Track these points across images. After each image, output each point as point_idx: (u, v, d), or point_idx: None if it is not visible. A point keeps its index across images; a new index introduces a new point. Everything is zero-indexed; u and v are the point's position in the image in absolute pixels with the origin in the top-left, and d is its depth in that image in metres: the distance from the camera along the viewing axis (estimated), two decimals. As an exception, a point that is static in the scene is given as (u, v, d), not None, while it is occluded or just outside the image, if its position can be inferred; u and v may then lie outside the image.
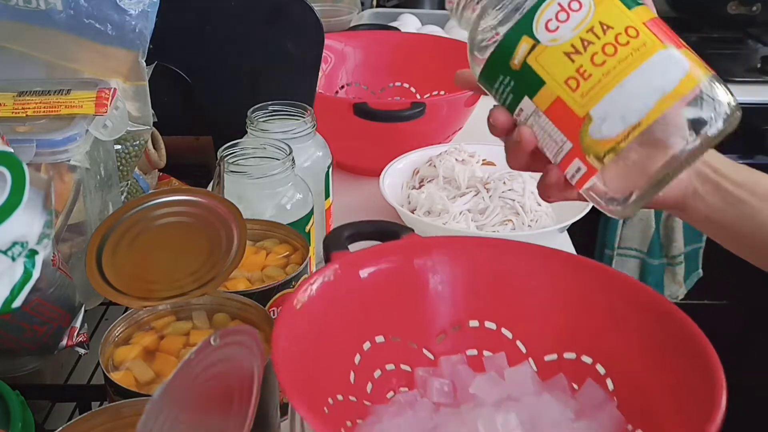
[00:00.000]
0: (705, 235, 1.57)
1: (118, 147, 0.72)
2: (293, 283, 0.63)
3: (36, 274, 0.52)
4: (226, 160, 0.72)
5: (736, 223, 0.54)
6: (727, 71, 1.64)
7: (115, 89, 0.66)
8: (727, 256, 0.60)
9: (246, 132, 0.81)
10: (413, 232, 0.60)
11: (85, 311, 0.61)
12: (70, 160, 0.62)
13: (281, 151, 0.74)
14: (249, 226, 0.60)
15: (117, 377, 0.53)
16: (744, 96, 1.57)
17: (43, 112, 0.63)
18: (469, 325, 0.58)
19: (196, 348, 0.45)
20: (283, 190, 0.74)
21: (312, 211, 0.75)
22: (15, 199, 0.49)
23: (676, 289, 1.59)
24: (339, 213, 0.89)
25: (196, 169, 0.94)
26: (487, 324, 0.58)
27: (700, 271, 1.59)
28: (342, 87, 1.25)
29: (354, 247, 0.59)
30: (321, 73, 1.02)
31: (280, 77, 0.96)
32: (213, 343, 0.46)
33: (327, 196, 0.86)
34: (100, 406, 0.51)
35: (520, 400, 0.52)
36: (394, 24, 1.56)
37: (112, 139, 0.66)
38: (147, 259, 0.57)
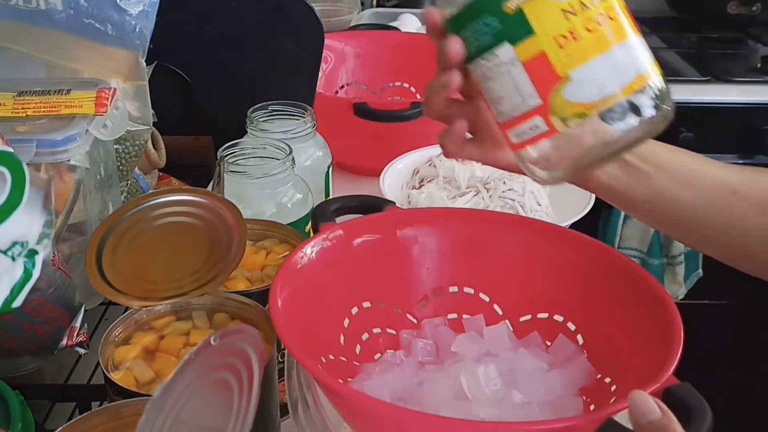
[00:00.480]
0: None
1: (118, 147, 0.72)
2: (293, 282, 0.63)
3: (36, 273, 0.52)
4: (226, 160, 0.72)
5: (634, 191, 0.55)
6: (727, 71, 1.64)
7: (115, 89, 0.66)
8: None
9: (246, 132, 0.81)
10: (395, 204, 0.63)
11: (85, 311, 0.61)
12: (70, 160, 0.62)
13: (281, 151, 0.74)
14: (249, 225, 0.60)
15: (117, 377, 0.53)
16: (744, 96, 1.58)
17: (43, 112, 0.63)
18: (449, 290, 0.61)
19: (196, 348, 0.45)
20: (283, 190, 0.74)
21: (312, 211, 0.75)
22: (15, 199, 0.50)
23: (676, 288, 1.59)
24: (339, 213, 0.89)
25: (196, 169, 0.94)
26: (466, 289, 0.61)
27: (700, 271, 1.59)
28: (342, 87, 1.25)
29: (340, 220, 0.62)
30: (321, 73, 1.02)
31: (280, 77, 0.96)
32: (213, 342, 0.46)
33: (327, 195, 0.86)
34: (100, 406, 0.51)
35: (499, 355, 0.56)
36: (394, 24, 1.56)
37: (112, 139, 0.66)
38: (147, 259, 0.57)
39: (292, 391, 0.52)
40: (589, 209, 0.90)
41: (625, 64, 0.45)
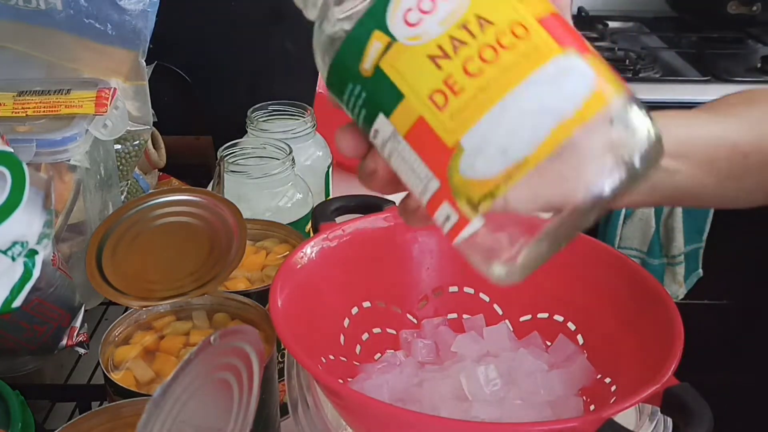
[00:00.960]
0: (705, 235, 1.57)
1: (118, 147, 0.72)
2: (293, 282, 0.63)
3: (36, 273, 0.52)
4: (226, 159, 0.72)
5: (651, 197, 0.49)
6: (728, 71, 1.64)
7: (114, 89, 0.66)
8: (727, 256, 0.60)
9: (246, 132, 0.81)
10: (395, 204, 0.63)
11: (85, 311, 0.61)
12: (70, 160, 0.62)
13: (281, 150, 0.74)
14: (249, 225, 0.60)
15: (117, 377, 0.53)
16: (744, 96, 1.57)
17: (43, 111, 0.63)
18: (449, 290, 0.61)
19: (196, 348, 0.45)
20: (283, 190, 0.74)
21: (312, 211, 0.75)
22: (15, 199, 0.49)
23: (676, 288, 1.59)
24: (339, 213, 0.89)
25: (196, 168, 0.94)
26: (466, 289, 0.61)
27: (700, 271, 1.59)
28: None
29: (340, 220, 0.62)
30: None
31: (280, 77, 0.96)
32: (213, 342, 0.46)
33: (327, 195, 0.86)
34: (100, 406, 0.51)
35: (499, 355, 0.56)
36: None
37: (111, 139, 0.66)
38: (147, 259, 0.57)
39: (292, 391, 0.52)
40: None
41: (535, 110, 0.31)
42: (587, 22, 1.93)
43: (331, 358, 0.55)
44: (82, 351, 0.61)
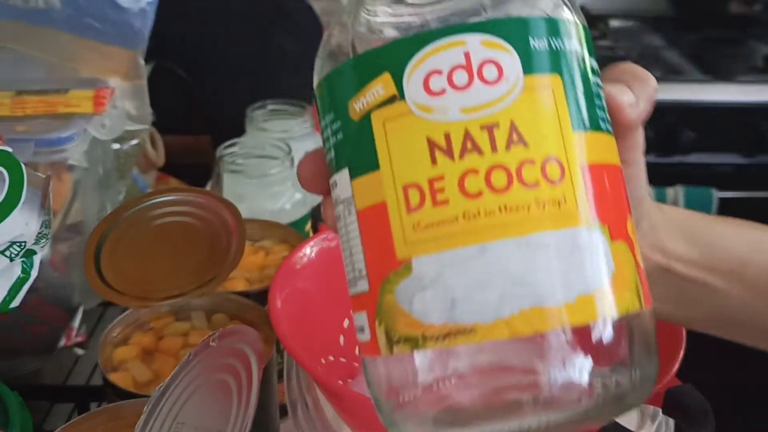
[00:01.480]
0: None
1: (117, 146, 0.72)
2: (293, 283, 0.63)
3: (34, 274, 0.51)
4: (225, 159, 0.72)
5: (690, 314, 0.40)
6: (729, 71, 1.63)
7: (113, 88, 0.66)
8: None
9: (245, 131, 0.80)
10: None
11: (84, 311, 0.61)
12: (68, 160, 0.62)
13: (280, 150, 0.73)
14: (248, 225, 0.60)
15: (115, 378, 0.53)
16: (745, 96, 1.57)
17: (42, 111, 0.63)
18: None
19: (195, 349, 0.45)
20: (282, 190, 0.73)
21: (311, 211, 0.75)
22: (13, 199, 0.49)
23: (676, 288, 1.59)
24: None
25: (194, 168, 0.94)
26: None
27: (701, 271, 1.59)
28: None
29: None
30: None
31: (279, 76, 0.96)
32: (212, 343, 0.45)
33: (327, 195, 0.86)
34: (99, 406, 0.50)
35: None
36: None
37: (110, 139, 0.66)
38: (145, 259, 0.57)
39: (292, 393, 0.52)
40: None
41: (518, 276, 0.24)
42: (588, 21, 1.92)
43: (331, 359, 0.55)
44: (80, 351, 0.61)
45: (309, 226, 0.74)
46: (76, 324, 0.60)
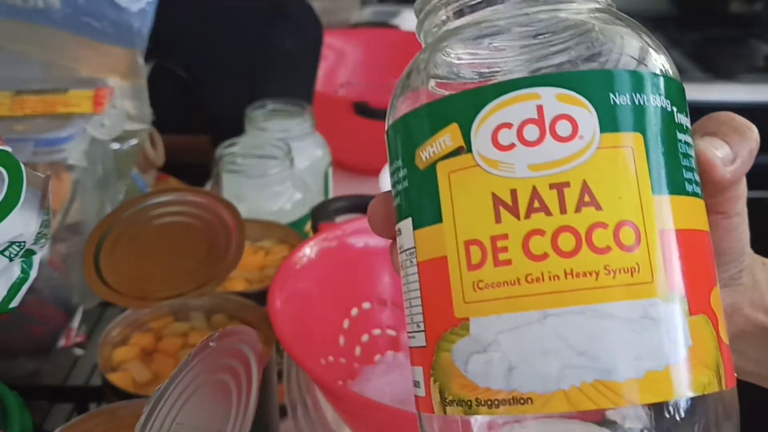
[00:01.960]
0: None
1: (116, 146, 0.71)
2: (292, 283, 0.63)
3: (33, 274, 0.51)
4: (224, 159, 0.72)
5: None
6: (730, 70, 1.63)
7: (112, 88, 0.66)
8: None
9: (245, 131, 0.80)
10: None
11: (83, 312, 0.61)
12: (67, 160, 0.62)
13: (280, 149, 0.73)
14: (247, 225, 0.60)
15: (115, 378, 0.53)
16: (746, 96, 1.57)
17: (41, 110, 0.63)
18: None
19: (194, 349, 0.45)
20: (282, 190, 0.73)
21: (311, 211, 0.75)
22: (12, 199, 0.49)
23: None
24: (339, 212, 0.88)
25: (194, 168, 0.94)
26: None
27: (701, 271, 1.59)
28: (342, 85, 1.25)
29: (339, 219, 0.63)
30: (320, 72, 1.02)
31: (279, 76, 0.95)
32: (211, 343, 0.45)
33: (326, 195, 0.86)
34: (98, 407, 0.50)
35: None
36: (394, 22, 1.55)
37: (109, 138, 0.66)
38: (145, 259, 0.57)
39: (291, 393, 0.52)
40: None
41: (581, 348, 0.23)
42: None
43: (331, 359, 0.55)
44: (79, 352, 0.61)
45: (308, 226, 0.74)
46: (76, 324, 0.60)
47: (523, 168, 0.24)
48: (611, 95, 0.24)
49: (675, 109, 0.26)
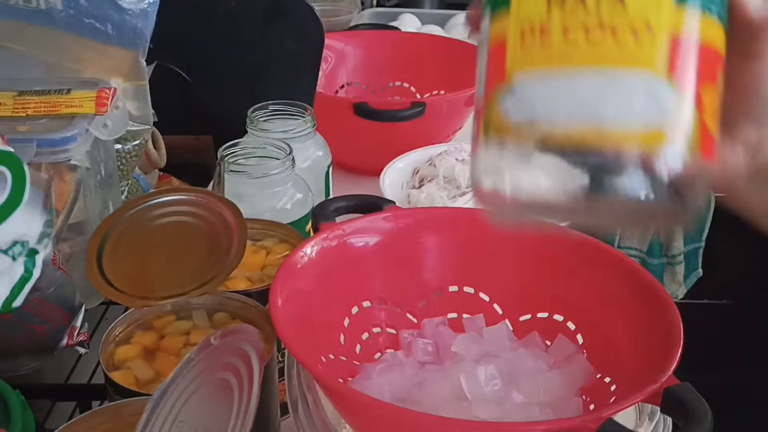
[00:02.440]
0: (705, 235, 1.57)
1: (119, 146, 0.72)
2: (293, 282, 0.63)
3: (36, 273, 0.52)
4: (226, 159, 0.72)
5: None
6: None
7: (115, 89, 0.66)
8: (727, 256, 0.60)
9: (246, 131, 0.81)
10: (395, 204, 0.64)
11: (86, 311, 0.61)
12: (70, 160, 0.62)
13: (281, 150, 0.74)
14: (249, 225, 0.60)
15: (117, 376, 0.53)
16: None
17: (44, 111, 0.63)
18: (449, 290, 0.62)
19: (196, 347, 0.45)
20: (283, 190, 0.74)
21: (312, 211, 0.75)
22: (15, 199, 0.50)
23: (675, 288, 1.59)
24: (339, 212, 0.88)
25: (196, 168, 0.94)
26: (466, 289, 0.62)
27: (700, 271, 1.59)
28: (342, 86, 1.25)
29: (340, 219, 0.62)
30: (321, 73, 1.02)
31: (280, 77, 0.96)
32: (213, 342, 0.46)
33: (327, 195, 0.86)
34: (101, 405, 0.51)
35: (498, 355, 0.56)
36: (394, 23, 1.56)
37: (112, 139, 0.66)
38: (147, 259, 0.57)
39: (292, 391, 0.52)
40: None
41: (587, 98, 0.31)
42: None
43: (331, 357, 0.55)
44: (82, 350, 0.61)
45: (309, 225, 0.75)
46: (78, 323, 0.60)
47: None
48: None
49: None
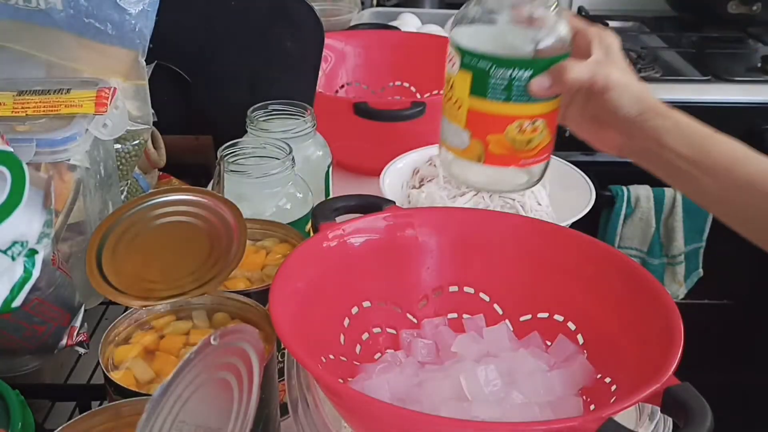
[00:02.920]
0: (705, 235, 1.57)
1: (118, 146, 0.72)
2: (293, 282, 0.63)
3: (36, 273, 0.52)
4: (226, 159, 0.72)
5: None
6: (728, 71, 1.64)
7: (114, 88, 0.66)
8: (727, 256, 0.60)
9: (246, 131, 0.81)
10: (395, 204, 0.64)
11: (85, 311, 0.61)
12: (69, 160, 0.62)
13: (281, 150, 0.74)
14: (249, 225, 0.60)
15: (117, 377, 0.53)
16: (744, 95, 1.58)
17: (43, 111, 0.63)
18: (449, 290, 0.62)
19: (196, 347, 0.45)
20: (282, 190, 0.74)
21: (312, 211, 0.75)
22: (15, 199, 0.50)
23: (676, 288, 1.59)
24: (339, 212, 0.88)
25: (196, 168, 0.94)
26: (466, 289, 0.62)
27: (700, 271, 1.59)
28: (342, 86, 1.25)
29: (340, 219, 0.62)
30: (321, 73, 1.02)
31: (280, 77, 0.96)
32: (213, 342, 0.46)
33: (327, 195, 0.86)
34: (100, 405, 0.51)
35: (498, 355, 0.56)
36: (394, 23, 1.56)
37: (111, 139, 0.66)
38: (147, 259, 0.57)
39: (292, 391, 0.52)
40: (589, 209, 0.90)
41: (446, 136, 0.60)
42: (588, 21, 1.92)
43: (331, 357, 0.55)
44: (81, 350, 0.61)
45: (309, 225, 0.75)
46: (78, 323, 0.60)
47: (452, 70, 0.61)
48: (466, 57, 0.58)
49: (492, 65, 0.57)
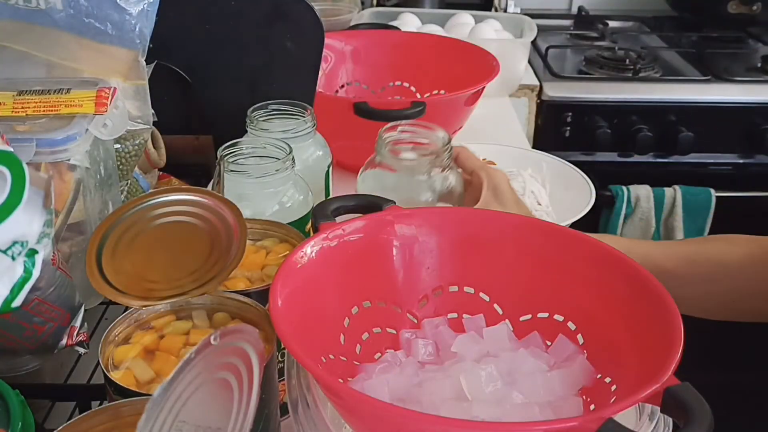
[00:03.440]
0: (705, 235, 1.57)
1: (118, 146, 0.72)
2: (293, 282, 0.63)
3: (36, 273, 0.52)
4: (226, 159, 0.72)
5: None
6: (728, 70, 1.64)
7: (114, 88, 0.66)
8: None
9: (246, 131, 0.81)
10: (395, 204, 0.64)
11: (85, 310, 0.61)
12: (69, 160, 0.62)
13: (281, 150, 0.74)
14: (249, 225, 0.60)
15: (117, 376, 0.53)
16: (744, 95, 1.58)
17: (43, 111, 0.63)
18: (449, 290, 0.62)
19: (196, 347, 0.45)
20: (283, 190, 0.74)
21: (312, 211, 0.75)
22: (15, 199, 0.49)
23: (676, 288, 1.59)
24: (339, 212, 0.88)
25: (196, 168, 0.94)
26: (466, 289, 0.62)
27: (700, 271, 1.59)
28: (342, 86, 1.25)
29: (340, 219, 0.62)
30: (321, 73, 1.02)
31: (280, 76, 0.96)
32: (213, 342, 0.46)
33: (327, 195, 0.86)
34: (100, 405, 0.51)
35: (499, 355, 0.56)
36: (395, 23, 1.56)
37: (111, 139, 0.66)
38: (147, 259, 0.57)
39: (292, 391, 0.52)
40: (589, 209, 0.90)
41: None
42: (587, 21, 1.93)
43: (331, 357, 0.55)
44: (81, 350, 0.61)
45: (309, 225, 0.75)
46: (78, 323, 0.60)
47: None
48: None
49: None
